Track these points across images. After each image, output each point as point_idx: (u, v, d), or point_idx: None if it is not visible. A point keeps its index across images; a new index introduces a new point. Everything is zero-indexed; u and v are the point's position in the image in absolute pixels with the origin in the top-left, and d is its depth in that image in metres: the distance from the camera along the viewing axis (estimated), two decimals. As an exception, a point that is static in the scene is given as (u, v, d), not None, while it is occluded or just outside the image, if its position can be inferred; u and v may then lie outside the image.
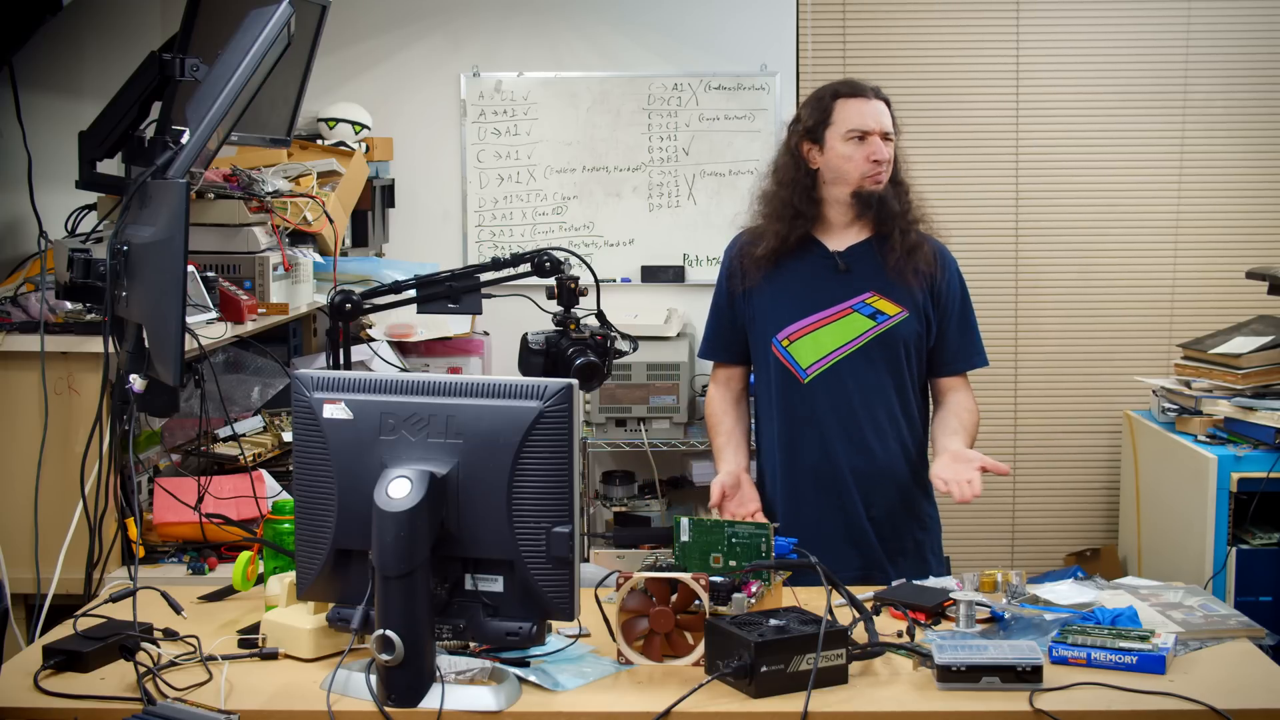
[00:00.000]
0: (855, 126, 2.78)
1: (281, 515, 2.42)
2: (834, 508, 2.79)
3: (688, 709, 1.92)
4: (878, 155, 2.78)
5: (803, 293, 2.81)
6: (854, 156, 2.78)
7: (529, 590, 1.95)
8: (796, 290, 2.82)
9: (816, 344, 2.79)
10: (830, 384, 2.78)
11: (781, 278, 2.83)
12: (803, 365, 2.79)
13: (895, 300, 2.79)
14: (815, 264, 2.83)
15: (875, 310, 2.79)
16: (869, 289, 2.80)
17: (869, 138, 2.78)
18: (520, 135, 4.77)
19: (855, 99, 2.82)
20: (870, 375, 2.79)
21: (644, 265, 4.79)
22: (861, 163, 2.78)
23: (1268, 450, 3.68)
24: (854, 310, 2.79)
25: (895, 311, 2.79)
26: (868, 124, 2.79)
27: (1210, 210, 4.77)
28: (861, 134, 2.78)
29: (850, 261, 2.81)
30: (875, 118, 2.80)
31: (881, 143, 2.79)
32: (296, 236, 3.56)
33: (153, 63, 2.95)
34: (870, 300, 2.79)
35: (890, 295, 2.79)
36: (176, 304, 2.19)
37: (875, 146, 2.78)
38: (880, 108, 2.83)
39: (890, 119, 2.83)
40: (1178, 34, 4.72)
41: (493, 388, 1.96)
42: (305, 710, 1.94)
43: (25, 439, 2.74)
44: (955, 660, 1.98)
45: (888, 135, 2.81)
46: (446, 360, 4.37)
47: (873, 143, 2.78)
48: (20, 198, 3.28)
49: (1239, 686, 2.00)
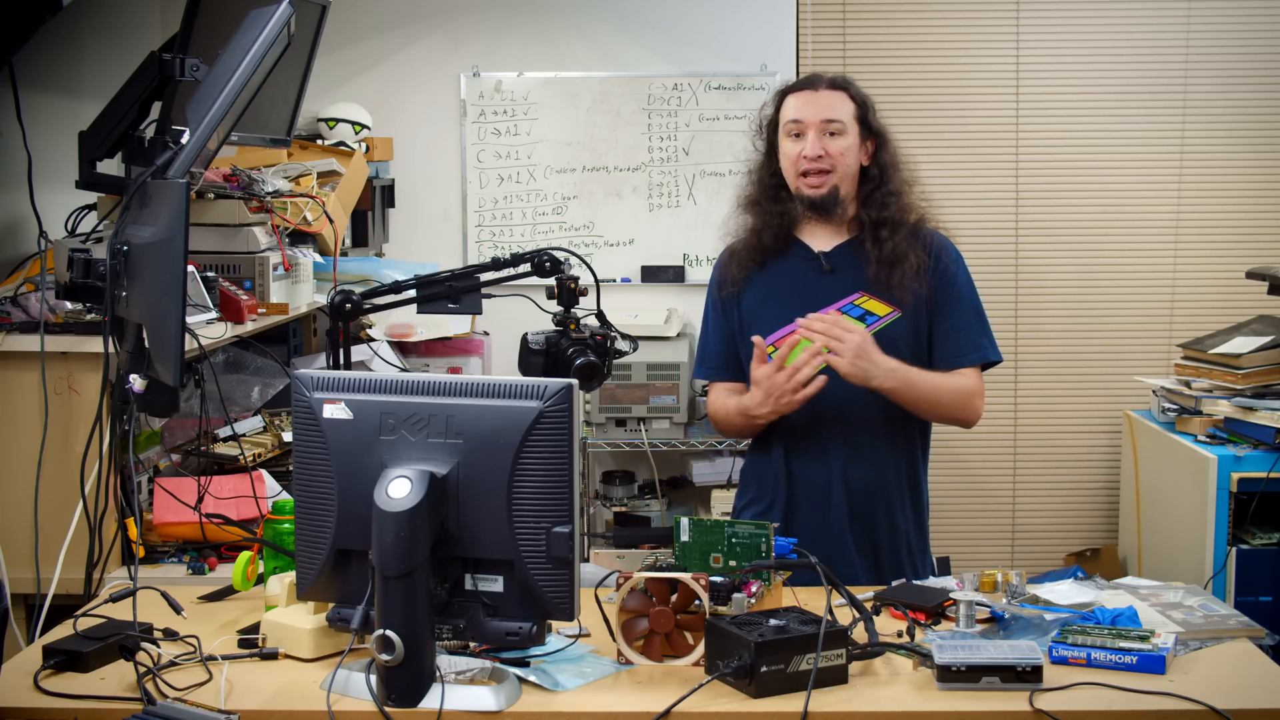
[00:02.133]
0: (790, 117, 2.67)
1: (281, 515, 2.42)
2: (826, 515, 2.68)
3: (688, 709, 1.92)
4: (808, 150, 2.64)
5: (789, 297, 2.70)
6: (790, 153, 2.68)
7: (529, 590, 1.95)
8: (783, 294, 2.72)
9: (804, 348, 2.64)
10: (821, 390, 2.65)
11: (767, 282, 2.74)
12: None
13: (886, 300, 2.67)
14: (800, 266, 2.73)
15: (865, 312, 2.67)
16: (857, 289, 2.68)
17: (805, 132, 2.65)
18: (520, 135, 4.77)
19: (800, 92, 2.69)
20: None
21: (644, 265, 4.79)
22: (796, 159, 2.66)
23: (1268, 450, 3.68)
24: (842, 313, 2.66)
25: (886, 311, 2.67)
26: (802, 114, 2.65)
27: (1210, 210, 4.77)
28: (797, 128, 2.66)
29: (836, 261, 2.71)
30: (813, 109, 2.65)
31: (816, 136, 2.64)
32: (296, 236, 3.56)
33: (153, 63, 2.95)
34: (859, 301, 2.68)
35: (880, 294, 2.67)
36: (176, 304, 2.19)
37: (808, 142, 2.64)
38: (826, 98, 2.67)
39: (849, 110, 2.67)
40: (1178, 34, 4.72)
41: (493, 388, 1.96)
42: (305, 710, 1.94)
43: (25, 439, 2.74)
44: (955, 660, 1.98)
45: (831, 125, 2.65)
46: (446, 360, 4.37)
47: (807, 138, 2.65)
48: (20, 198, 3.28)
49: (1239, 686, 2.00)
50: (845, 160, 2.67)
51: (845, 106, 2.67)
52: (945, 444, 4.82)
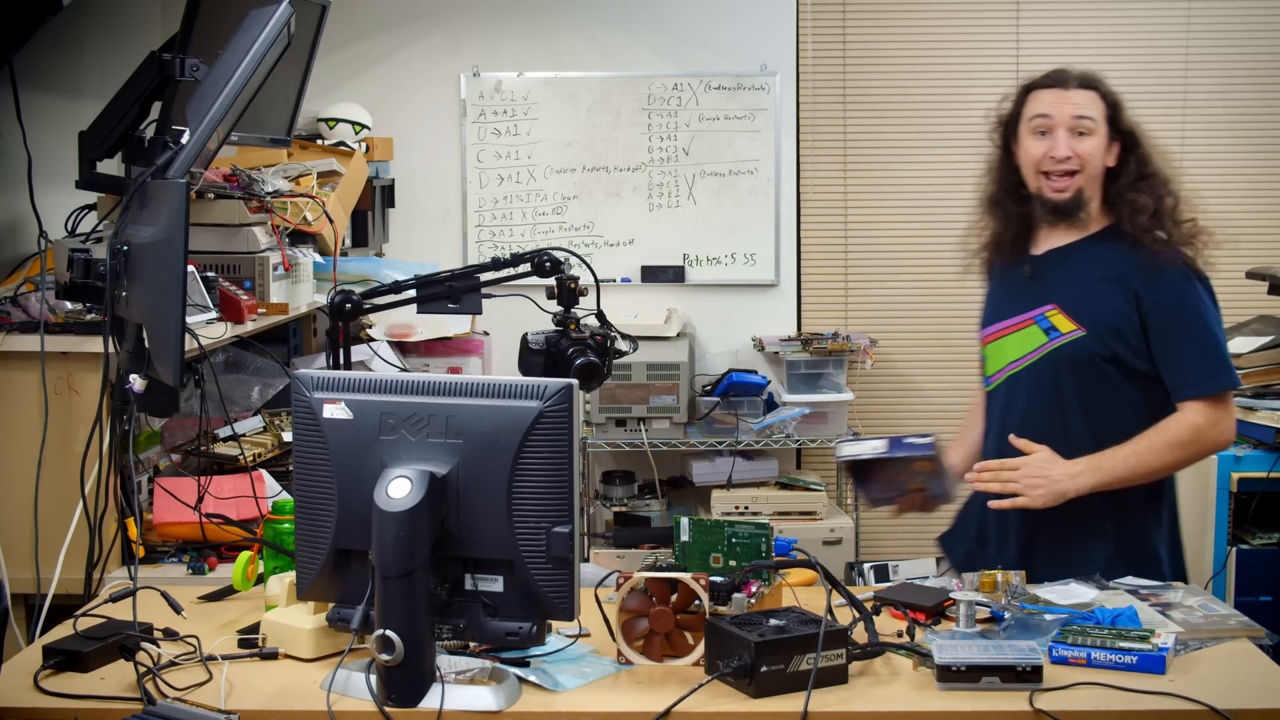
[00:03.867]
0: (1036, 112, 2.54)
1: (281, 515, 2.42)
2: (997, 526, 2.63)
3: (688, 709, 1.92)
4: (1055, 151, 2.51)
5: (1001, 297, 2.66)
6: (1033, 152, 2.55)
7: (529, 590, 1.95)
8: (998, 293, 2.68)
9: (1001, 352, 2.64)
10: (1003, 396, 2.63)
11: (995, 279, 2.70)
12: (987, 372, 2.69)
13: (1075, 316, 2.52)
14: (1015, 268, 2.64)
15: (1051, 325, 2.54)
16: (1051, 301, 2.55)
17: (1053, 130, 2.52)
18: (520, 135, 4.77)
19: (1049, 89, 2.56)
20: (1036, 394, 2.57)
21: (644, 265, 4.79)
22: (1040, 159, 2.54)
23: (1268, 450, 3.68)
24: (1034, 323, 2.57)
25: (1070, 329, 2.52)
26: (1051, 110, 2.52)
27: (1210, 210, 4.75)
28: (1044, 125, 2.54)
29: (1042, 268, 2.59)
30: (1062, 104, 2.52)
31: (1066, 136, 2.51)
32: (296, 236, 3.56)
33: (153, 63, 2.95)
34: (1049, 314, 2.55)
35: (1071, 310, 2.53)
36: (176, 304, 2.19)
37: (1056, 141, 2.51)
38: (1078, 95, 2.54)
39: (1099, 109, 2.53)
40: (1178, 34, 4.72)
41: (493, 388, 1.96)
42: (305, 710, 1.94)
43: (25, 439, 2.74)
44: (955, 660, 1.98)
45: (1081, 124, 2.52)
46: (446, 360, 4.37)
47: (1056, 136, 2.52)
48: (20, 198, 3.28)
49: (1239, 686, 2.00)
50: (1093, 162, 2.54)
51: (1097, 106, 2.56)
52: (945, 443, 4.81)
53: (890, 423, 4.82)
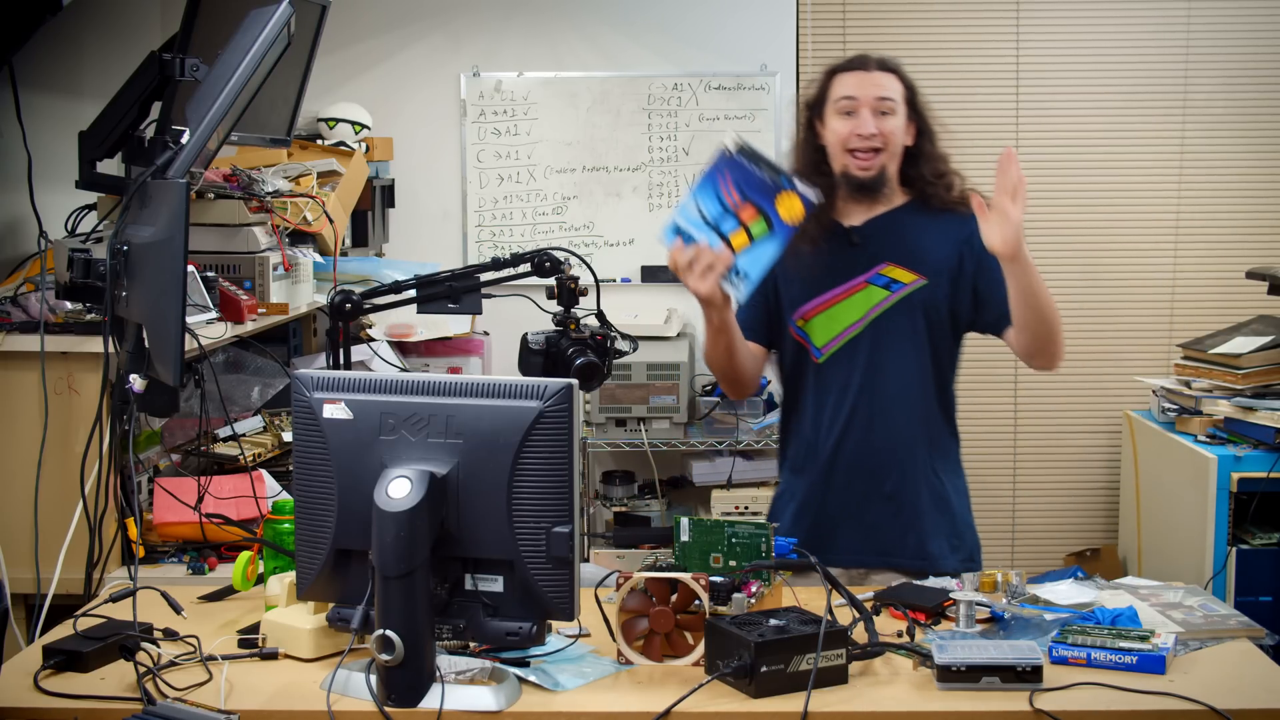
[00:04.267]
0: (842, 94, 2.66)
1: (281, 515, 2.42)
2: (857, 487, 2.69)
3: (688, 709, 1.92)
4: (861, 129, 2.64)
5: (816, 270, 2.71)
6: (840, 131, 2.66)
7: (529, 590, 1.95)
8: (810, 268, 2.71)
9: (831, 321, 2.70)
10: (845, 361, 2.69)
11: (799, 258, 2.71)
12: (817, 344, 2.72)
13: (911, 268, 2.67)
14: (831, 241, 2.72)
15: (890, 280, 2.68)
16: (884, 259, 2.68)
17: (858, 110, 2.65)
18: (520, 135, 4.77)
19: (852, 72, 2.69)
20: (885, 347, 2.68)
21: (644, 265, 4.79)
22: (847, 136, 2.65)
23: (1268, 450, 3.68)
24: (869, 283, 2.68)
25: (911, 279, 2.67)
26: (855, 91, 2.65)
27: (1210, 210, 4.77)
28: (850, 105, 2.66)
29: (867, 235, 2.70)
30: (865, 86, 2.65)
31: (870, 115, 2.64)
32: (296, 236, 3.56)
33: (153, 63, 2.95)
34: (885, 270, 2.68)
35: (907, 263, 2.68)
36: (176, 304, 2.19)
37: (861, 120, 2.64)
38: (879, 77, 2.67)
39: (899, 90, 2.68)
40: (1178, 34, 4.72)
41: (493, 388, 1.96)
42: (305, 710, 1.94)
43: (25, 439, 2.74)
44: (955, 660, 1.98)
45: (884, 104, 2.65)
46: (446, 360, 4.37)
47: (861, 115, 2.65)
48: (20, 198, 3.28)
49: (1239, 686, 2.00)
50: (895, 140, 2.69)
51: (897, 88, 2.69)
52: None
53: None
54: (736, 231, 2.47)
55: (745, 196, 2.48)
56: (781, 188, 2.47)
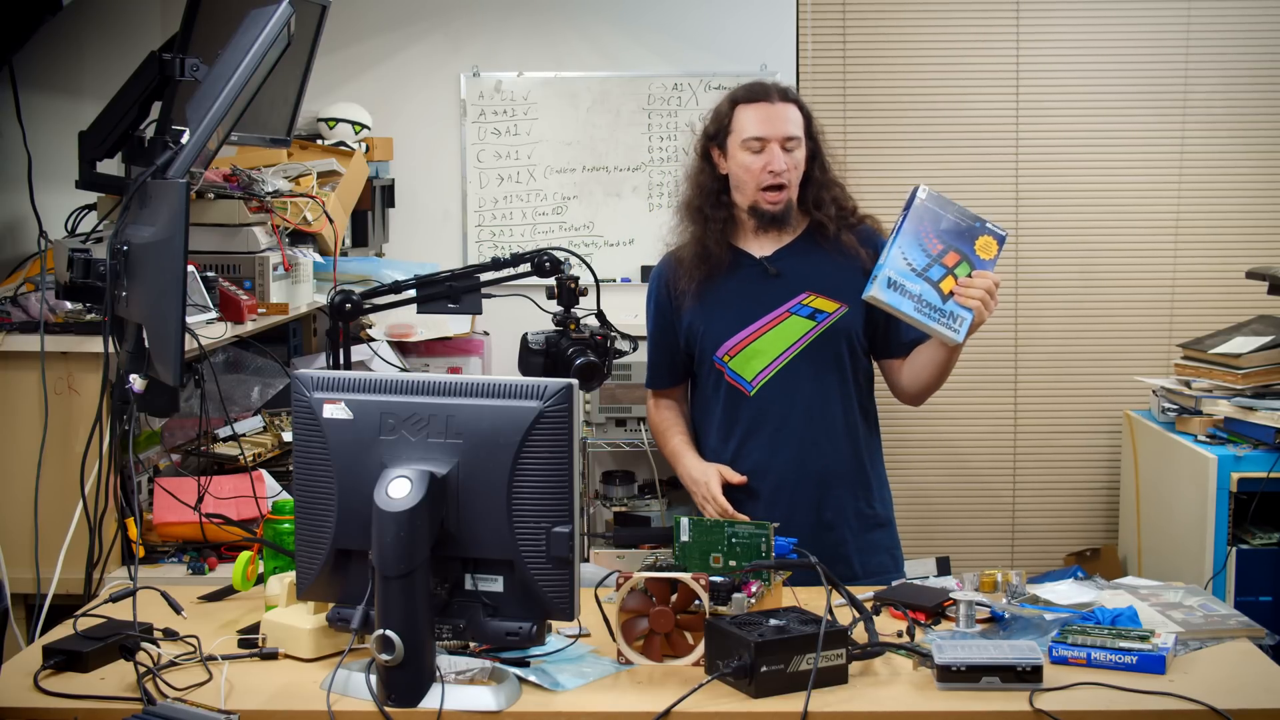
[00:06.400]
0: (752, 134, 2.68)
1: (281, 515, 2.42)
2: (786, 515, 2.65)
3: (688, 709, 1.92)
4: (773, 165, 2.67)
5: (736, 305, 2.74)
6: (751, 167, 2.69)
7: (529, 590, 1.95)
8: (729, 304, 2.75)
9: (758, 354, 2.73)
10: (777, 392, 2.72)
11: (713, 293, 2.76)
12: (747, 379, 2.74)
13: (832, 296, 2.72)
14: (744, 274, 2.76)
15: (814, 310, 2.72)
16: (804, 289, 2.73)
17: (767, 146, 2.68)
18: (520, 135, 4.77)
19: (755, 104, 2.70)
20: (817, 377, 2.72)
21: (644, 265, 4.79)
22: (759, 173, 2.69)
23: (1268, 450, 3.68)
24: (791, 314, 2.72)
25: (834, 308, 2.72)
26: (764, 131, 2.68)
27: (1210, 210, 4.77)
28: (759, 145, 2.68)
29: (781, 264, 2.75)
30: (775, 124, 2.68)
31: (780, 151, 2.68)
32: (296, 236, 3.56)
33: (153, 63, 2.95)
34: (807, 300, 2.72)
35: (827, 292, 2.72)
36: (176, 304, 2.19)
37: (773, 156, 2.67)
38: (783, 111, 2.70)
39: (800, 122, 2.71)
40: (1178, 34, 4.72)
41: (493, 388, 1.96)
42: (305, 710, 1.94)
43: (25, 439, 2.75)
44: (955, 660, 1.98)
45: (789, 141, 2.69)
46: (446, 360, 4.37)
47: (770, 152, 2.68)
48: (20, 198, 3.28)
49: (1239, 686, 2.00)
50: (799, 173, 2.74)
51: (799, 120, 2.72)
52: (945, 443, 4.82)
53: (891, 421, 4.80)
54: (945, 278, 2.57)
55: (946, 244, 2.59)
56: (977, 231, 2.61)
